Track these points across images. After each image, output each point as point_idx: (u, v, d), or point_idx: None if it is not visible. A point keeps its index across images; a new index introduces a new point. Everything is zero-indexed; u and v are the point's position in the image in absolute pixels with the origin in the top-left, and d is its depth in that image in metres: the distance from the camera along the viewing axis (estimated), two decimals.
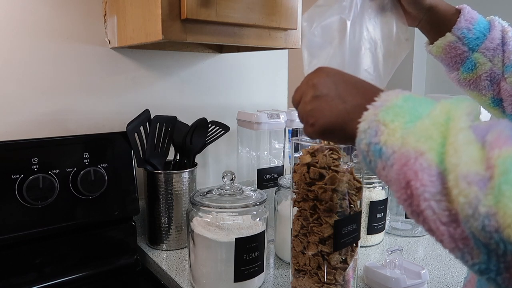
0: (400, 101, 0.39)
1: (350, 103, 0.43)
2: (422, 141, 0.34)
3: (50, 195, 0.79)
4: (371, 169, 0.41)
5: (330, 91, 0.45)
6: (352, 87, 0.45)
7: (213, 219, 0.74)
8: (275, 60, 1.27)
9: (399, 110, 0.38)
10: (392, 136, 0.37)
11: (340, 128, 0.44)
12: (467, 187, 0.30)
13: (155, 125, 0.90)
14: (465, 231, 0.31)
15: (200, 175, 1.06)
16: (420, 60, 2.51)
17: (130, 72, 1.00)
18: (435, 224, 0.33)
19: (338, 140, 0.48)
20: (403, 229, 1.05)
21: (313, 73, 0.48)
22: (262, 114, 0.95)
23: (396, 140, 0.37)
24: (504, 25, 0.62)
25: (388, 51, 0.62)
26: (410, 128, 0.36)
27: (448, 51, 0.63)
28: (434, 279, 0.81)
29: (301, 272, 0.69)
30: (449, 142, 0.33)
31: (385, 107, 0.39)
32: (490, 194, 0.29)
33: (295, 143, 0.70)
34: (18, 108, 0.86)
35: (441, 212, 0.32)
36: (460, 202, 0.31)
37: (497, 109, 0.65)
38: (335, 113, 0.44)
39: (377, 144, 0.38)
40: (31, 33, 0.86)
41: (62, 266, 0.84)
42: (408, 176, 0.34)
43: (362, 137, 0.40)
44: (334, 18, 0.59)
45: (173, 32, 0.72)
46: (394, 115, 0.38)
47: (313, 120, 0.45)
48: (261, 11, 0.80)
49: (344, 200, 0.66)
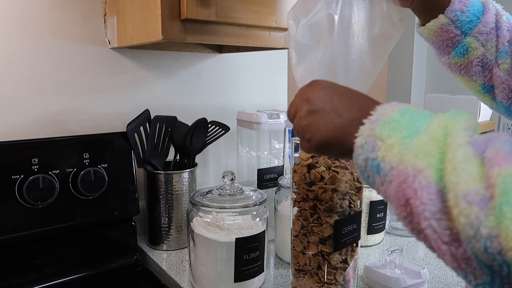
0: (396, 115, 0.38)
1: (346, 117, 0.42)
2: (421, 158, 0.34)
3: (50, 196, 0.79)
4: (369, 184, 0.40)
5: (326, 105, 0.44)
6: (348, 100, 0.44)
7: (213, 219, 0.74)
8: (275, 60, 1.27)
9: (395, 125, 0.37)
10: (390, 152, 0.36)
11: (336, 143, 0.43)
12: (467, 207, 0.30)
13: (155, 125, 0.90)
14: (467, 251, 0.31)
15: (200, 175, 1.06)
16: (420, 60, 2.51)
17: (130, 72, 1.00)
18: (436, 243, 0.33)
19: (335, 154, 0.48)
20: (403, 229, 1.05)
21: (307, 87, 0.47)
22: (262, 114, 0.95)
23: (394, 156, 0.36)
24: (498, 8, 0.59)
25: (380, 33, 0.58)
26: (408, 143, 0.36)
27: (439, 34, 0.59)
28: (434, 279, 0.81)
29: (301, 272, 0.69)
30: (448, 159, 0.32)
31: (381, 121, 0.38)
32: (491, 215, 0.29)
33: (295, 143, 0.70)
34: (18, 108, 0.87)
35: (442, 231, 0.32)
36: (461, 222, 0.30)
37: (487, 96, 0.63)
38: (331, 128, 0.43)
39: (374, 159, 0.38)
40: (31, 33, 0.86)
41: (62, 266, 0.84)
42: (407, 194, 0.34)
43: (359, 152, 0.39)
44: (321, 14, 0.55)
45: (173, 32, 0.72)
46: (390, 129, 0.37)
47: (309, 135, 0.45)
48: (261, 11, 0.80)
49: (344, 200, 0.66)
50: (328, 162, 0.64)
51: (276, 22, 0.83)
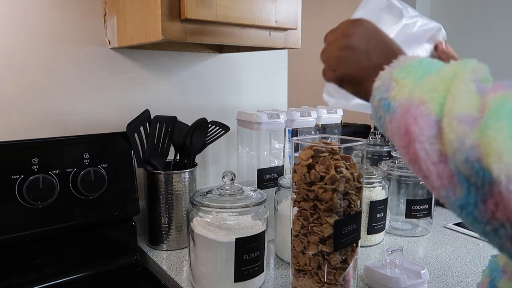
0: (415, 62, 0.41)
1: (373, 61, 0.46)
2: (426, 92, 0.37)
3: (50, 196, 0.79)
4: (381, 126, 0.44)
5: (361, 44, 0.47)
6: (381, 47, 0.47)
7: (213, 219, 0.74)
8: (275, 60, 1.27)
9: (412, 69, 0.41)
10: (401, 91, 0.40)
11: (357, 82, 0.47)
12: (457, 125, 0.33)
13: (155, 125, 0.90)
14: (452, 168, 0.34)
15: (200, 175, 1.06)
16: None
17: (130, 72, 1.00)
18: (425, 163, 0.36)
19: (351, 91, 0.51)
20: (403, 229, 1.06)
21: (352, 22, 0.50)
22: (262, 114, 0.95)
23: (404, 94, 0.39)
24: None
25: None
26: (419, 83, 0.39)
27: None
28: (434, 279, 0.81)
29: (301, 272, 0.69)
30: (451, 92, 0.35)
31: (400, 66, 0.42)
32: (477, 130, 0.32)
33: (295, 143, 0.70)
34: (18, 108, 0.86)
35: (433, 153, 0.35)
36: (449, 138, 0.33)
37: None
38: (357, 68, 0.47)
39: (386, 99, 0.41)
40: (31, 33, 0.86)
41: (62, 266, 0.84)
42: (408, 122, 0.37)
43: (375, 94, 0.43)
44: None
45: (173, 32, 0.72)
46: (406, 73, 0.40)
47: (336, 67, 0.49)
48: (261, 11, 0.80)
49: (344, 200, 0.66)
50: (328, 164, 0.64)
51: (276, 22, 0.83)
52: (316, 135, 0.96)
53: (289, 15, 0.85)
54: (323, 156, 0.65)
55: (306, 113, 1.03)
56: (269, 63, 1.25)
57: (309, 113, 1.03)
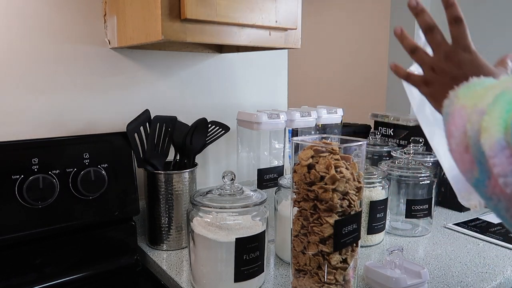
0: (480, 80, 0.48)
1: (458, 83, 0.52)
2: (470, 99, 0.44)
3: (50, 196, 0.79)
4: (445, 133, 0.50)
5: (459, 73, 0.54)
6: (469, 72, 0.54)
7: (213, 219, 0.74)
8: (275, 60, 1.27)
9: (473, 87, 0.47)
10: (457, 103, 0.46)
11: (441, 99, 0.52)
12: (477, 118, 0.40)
13: (155, 125, 0.90)
14: (472, 155, 0.41)
15: (200, 175, 1.06)
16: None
17: (130, 72, 1.00)
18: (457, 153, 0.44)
19: (435, 105, 0.58)
20: (403, 229, 1.06)
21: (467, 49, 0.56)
22: (262, 114, 0.95)
23: (457, 103, 0.46)
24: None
25: None
26: (472, 95, 0.46)
27: None
28: (434, 279, 0.81)
29: (301, 272, 0.69)
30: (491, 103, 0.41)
31: (466, 85, 0.48)
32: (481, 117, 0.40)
33: (295, 143, 0.70)
34: (18, 108, 0.86)
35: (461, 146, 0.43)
36: (468, 129, 0.41)
37: None
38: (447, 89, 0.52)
39: (447, 111, 0.48)
40: (31, 33, 0.86)
41: (62, 266, 0.84)
42: (452, 117, 0.46)
43: (444, 109, 0.50)
44: None
45: (173, 32, 0.72)
46: (467, 88, 0.48)
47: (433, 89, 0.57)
48: (261, 11, 0.80)
49: (344, 200, 0.66)
50: (328, 164, 0.64)
51: (276, 22, 0.83)
52: (316, 135, 0.96)
53: (289, 15, 0.85)
54: (323, 156, 0.65)
55: (306, 113, 1.03)
56: (269, 63, 1.25)
57: (309, 113, 1.03)
